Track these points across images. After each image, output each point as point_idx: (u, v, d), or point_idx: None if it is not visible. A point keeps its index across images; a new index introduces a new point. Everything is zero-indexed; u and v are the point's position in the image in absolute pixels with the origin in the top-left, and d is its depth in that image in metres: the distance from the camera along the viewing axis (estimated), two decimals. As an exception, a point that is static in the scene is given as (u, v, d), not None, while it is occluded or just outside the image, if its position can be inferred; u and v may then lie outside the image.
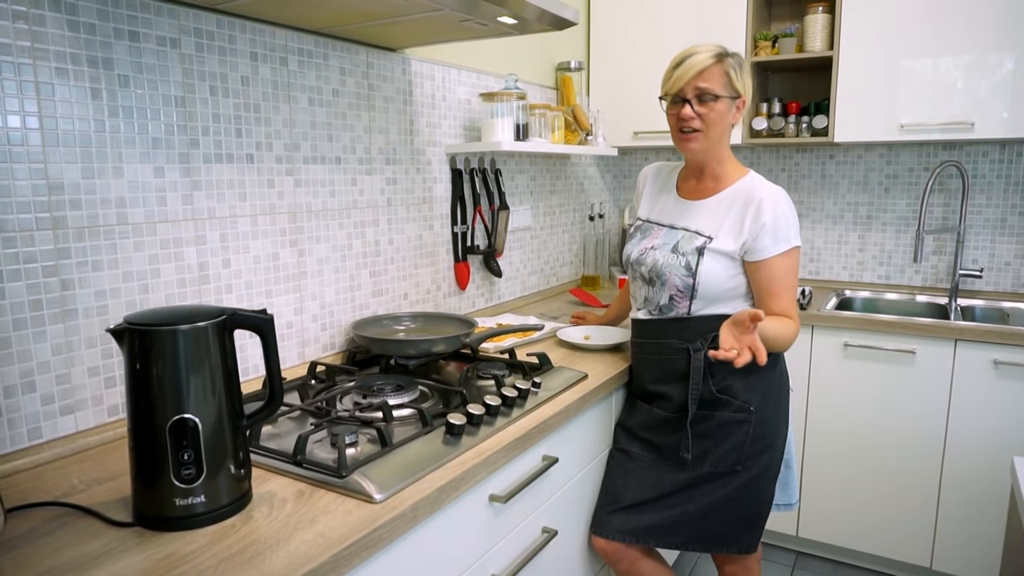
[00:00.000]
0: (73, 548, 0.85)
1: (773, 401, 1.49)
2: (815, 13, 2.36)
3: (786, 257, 1.41)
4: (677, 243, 1.47)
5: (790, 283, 1.42)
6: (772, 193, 1.42)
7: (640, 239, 1.56)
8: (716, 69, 1.40)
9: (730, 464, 1.46)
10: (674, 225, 1.52)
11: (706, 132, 1.42)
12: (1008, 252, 2.44)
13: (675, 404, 1.49)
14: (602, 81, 2.70)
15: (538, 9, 1.36)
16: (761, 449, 1.47)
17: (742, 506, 1.48)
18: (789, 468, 1.62)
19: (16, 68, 1.04)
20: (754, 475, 1.47)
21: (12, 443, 1.07)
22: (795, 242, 1.41)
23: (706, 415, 1.46)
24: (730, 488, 1.46)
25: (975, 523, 2.09)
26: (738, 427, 1.45)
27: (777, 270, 1.41)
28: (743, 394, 1.45)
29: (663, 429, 1.51)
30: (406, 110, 1.81)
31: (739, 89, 1.43)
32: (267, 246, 1.46)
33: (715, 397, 1.46)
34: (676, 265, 1.45)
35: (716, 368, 1.45)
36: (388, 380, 1.41)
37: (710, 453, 1.46)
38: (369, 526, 0.90)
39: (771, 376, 1.49)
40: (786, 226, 1.40)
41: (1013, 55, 2.07)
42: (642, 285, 1.53)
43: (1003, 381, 1.99)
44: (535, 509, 1.34)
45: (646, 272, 1.50)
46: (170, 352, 0.87)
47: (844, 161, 2.67)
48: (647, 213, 1.61)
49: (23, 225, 1.06)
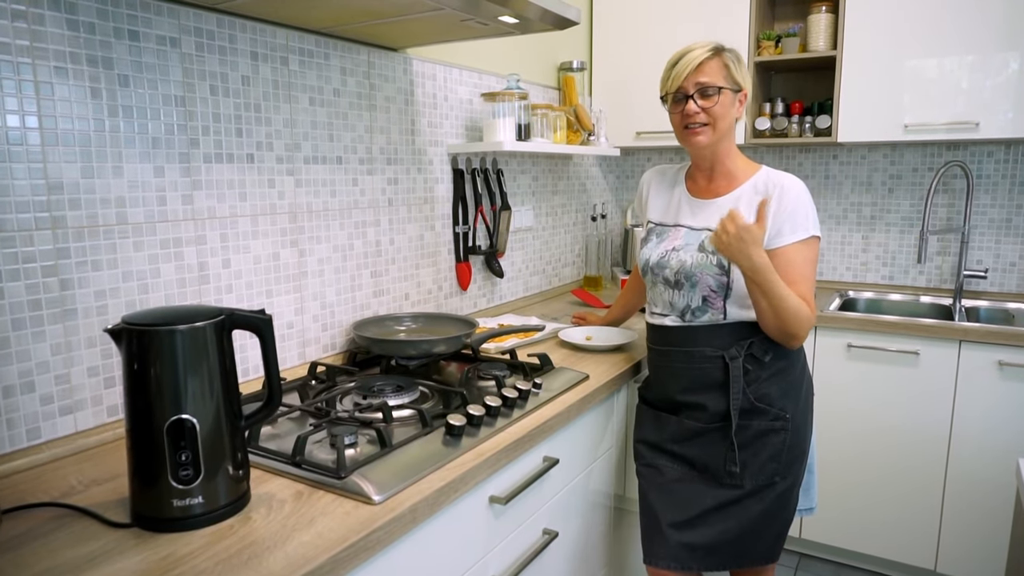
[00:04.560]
0: (71, 549, 0.85)
1: (804, 407, 1.46)
2: (818, 13, 2.35)
3: (804, 245, 1.36)
4: (703, 243, 1.42)
5: (807, 272, 1.37)
6: (793, 182, 1.39)
7: (658, 242, 1.50)
8: (714, 62, 1.37)
9: (769, 475, 1.41)
10: (693, 226, 1.47)
11: (713, 126, 1.39)
12: (1013, 253, 2.43)
13: (709, 414, 1.43)
14: (604, 81, 2.69)
15: (540, 8, 1.36)
16: (796, 457, 1.43)
17: (778, 519, 1.44)
18: (811, 473, 1.57)
19: (15, 67, 1.04)
20: (789, 485, 1.43)
21: (11, 443, 1.07)
22: (814, 231, 1.37)
23: (742, 425, 1.40)
24: (767, 501, 1.41)
25: (979, 525, 2.07)
26: (775, 435, 1.40)
27: (794, 256, 1.36)
28: (779, 401, 1.41)
29: (697, 441, 1.44)
30: (407, 110, 1.80)
31: (740, 81, 1.40)
32: (267, 246, 1.46)
33: (753, 406, 1.40)
34: (707, 264, 1.39)
35: (753, 375, 1.41)
36: (388, 381, 1.41)
37: (748, 465, 1.41)
38: (368, 527, 0.89)
39: (803, 382, 1.46)
40: (804, 215, 1.37)
41: (1018, 55, 2.06)
42: (664, 289, 1.47)
43: (1008, 382, 1.98)
44: (535, 511, 1.34)
45: (671, 275, 1.44)
46: (168, 352, 0.87)
47: (848, 161, 2.66)
48: (660, 216, 1.55)
49: (22, 225, 1.06)
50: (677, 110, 1.42)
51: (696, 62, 1.36)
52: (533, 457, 1.31)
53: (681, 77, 1.38)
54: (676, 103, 1.41)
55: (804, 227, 1.37)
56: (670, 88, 1.40)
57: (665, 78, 1.42)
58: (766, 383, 1.41)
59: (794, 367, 1.44)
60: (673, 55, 1.41)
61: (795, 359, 1.45)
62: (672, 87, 1.40)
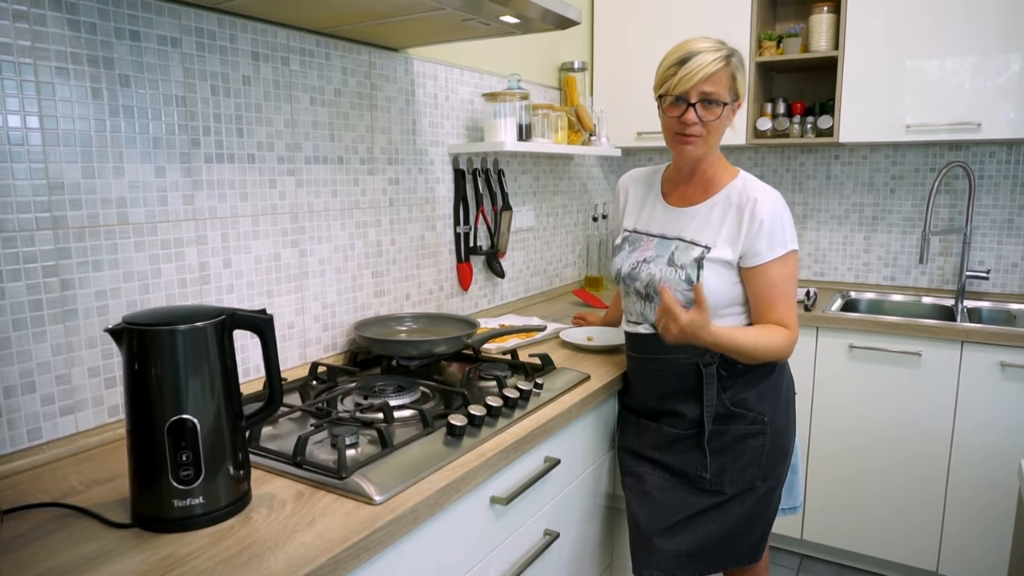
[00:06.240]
0: (71, 549, 0.85)
1: (784, 409, 1.46)
2: (820, 13, 2.35)
3: (783, 263, 1.34)
4: (672, 254, 1.40)
5: (788, 289, 1.35)
6: (767, 195, 1.35)
7: (630, 251, 1.48)
8: (723, 73, 1.31)
9: (750, 479, 1.41)
10: (665, 235, 1.44)
11: (706, 138, 1.35)
12: (1015, 253, 2.42)
13: (687, 421, 1.43)
14: (605, 81, 2.69)
15: (541, 8, 1.35)
16: (777, 460, 1.43)
17: (760, 520, 1.45)
18: (795, 472, 1.59)
19: (16, 68, 1.04)
20: (770, 487, 1.44)
21: (11, 444, 1.07)
22: (792, 246, 1.35)
23: (720, 430, 1.41)
24: (748, 504, 1.42)
25: (982, 526, 2.07)
26: (754, 439, 1.40)
27: (774, 276, 1.34)
28: (757, 405, 1.41)
29: (675, 448, 1.45)
30: (408, 110, 1.80)
31: (740, 92, 1.37)
32: (268, 246, 1.45)
33: (729, 411, 1.40)
34: (676, 279, 1.37)
35: (729, 381, 1.40)
36: (389, 381, 1.41)
37: (728, 470, 1.41)
38: (369, 528, 0.89)
39: (780, 384, 1.46)
40: (782, 230, 1.34)
41: (1020, 55, 2.06)
42: (636, 300, 1.46)
43: (1010, 383, 1.98)
44: (537, 511, 1.33)
45: (642, 288, 1.43)
46: (169, 352, 0.87)
47: (849, 162, 2.65)
48: (633, 223, 1.53)
49: (23, 225, 1.06)
50: (673, 113, 1.35)
51: (707, 71, 1.29)
52: (534, 458, 1.31)
53: (688, 83, 1.30)
54: (673, 106, 1.35)
55: (782, 242, 1.34)
56: (671, 89, 1.33)
57: (667, 75, 1.33)
58: (742, 388, 1.41)
59: (770, 370, 1.43)
60: (678, 50, 1.33)
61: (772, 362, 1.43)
62: (674, 90, 1.32)
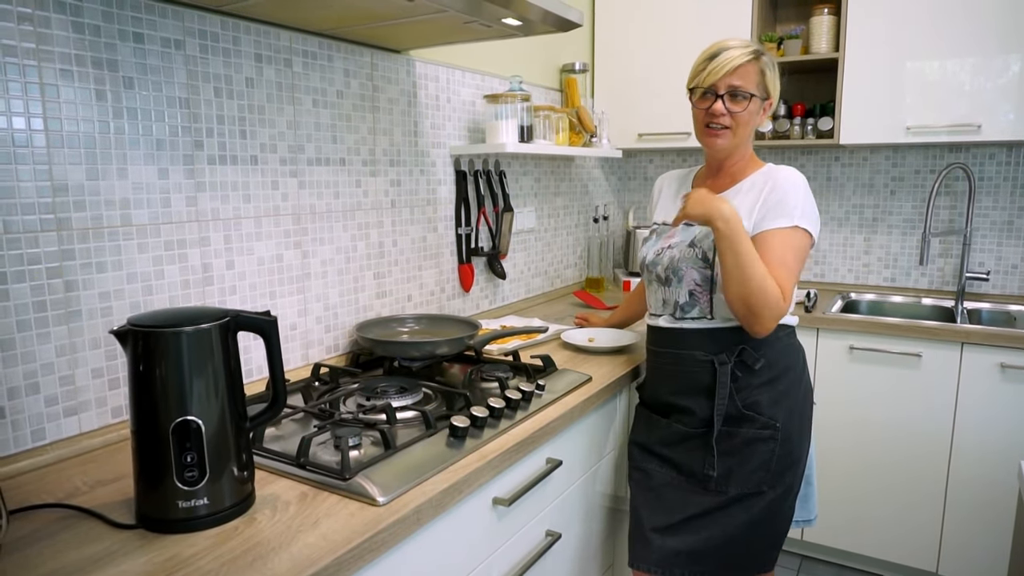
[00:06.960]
0: (75, 550, 0.85)
1: (798, 417, 1.43)
2: (820, 15, 2.36)
3: (787, 232, 1.31)
4: (695, 238, 1.41)
5: (787, 259, 1.30)
6: (789, 172, 1.38)
7: (655, 241, 1.52)
8: (751, 67, 1.35)
9: (756, 484, 1.39)
10: (690, 223, 1.46)
11: (735, 130, 1.37)
12: (1015, 255, 2.43)
13: (697, 419, 1.42)
14: (606, 83, 2.69)
15: (542, 11, 1.36)
16: (786, 467, 1.41)
17: (766, 528, 1.42)
18: (809, 484, 1.56)
19: (21, 70, 1.04)
20: (779, 494, 1.41)
21: (16, 444, 1.07)
22: (801, 224, 1.32)
23: (730, 432, 1.39)
24: (755, 510, 1.40)
25: (982, 527, 2.07)
26: (763, 444, 1.39)
27: (773, 241, 1.31)
28: (769, 410, 1.39)
29: (684, 445, 1.44)
30: (410, 112, 1.80)
31: (770, 90, 1.39)
32: (271, 248, 1.46)
33: (741, 413, 1.39)
34: (693, 258, 1.39)
35: (743, 383, 1.40)
36: (392, 382, 1.41)
37: (735, 472, 1.39)
38: (372, 529, 0.90)
39: (797, 391, 1.44)
40: (793, 204, 1.33)
41: (1020, 57, 2.06)
42: (658, 287, 1.48)
43: (1010, 385, 1.98)
44: (539, 512, 1.34)
45: (662, 272, 1.45)
46: (173, 354, 0.87)
47: (850, 163, 2.66)
48: (663, 217, 1.57)
49: (27, 226, 1.06)
50: (703, 106, 1.39)
51: (734, 64, 1.33)
52: (536, 459, 1.31)
53: (716, 75, 1.34)
54: (703, 99, 1.39)
55: (789, 216, 1.32)
56: (701, 83, 1.37)
57: (698, 70, 1.38)
58: (756, 391, 1.40)
59: (786, 376, 1.42)
60: (710, 48, 1.38)
61: (789, 368, 1.43)
62: (704, 82, 1.37)
